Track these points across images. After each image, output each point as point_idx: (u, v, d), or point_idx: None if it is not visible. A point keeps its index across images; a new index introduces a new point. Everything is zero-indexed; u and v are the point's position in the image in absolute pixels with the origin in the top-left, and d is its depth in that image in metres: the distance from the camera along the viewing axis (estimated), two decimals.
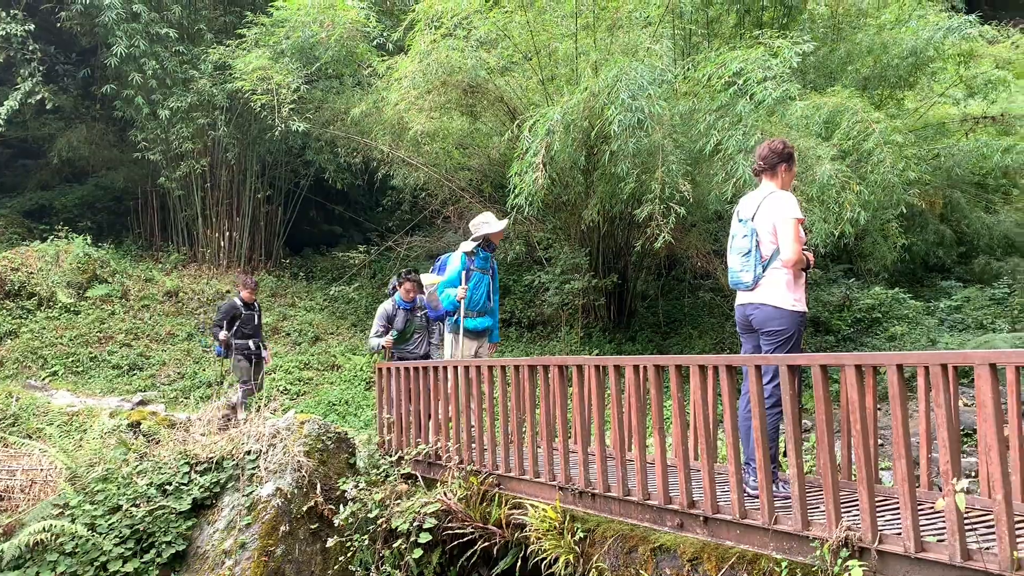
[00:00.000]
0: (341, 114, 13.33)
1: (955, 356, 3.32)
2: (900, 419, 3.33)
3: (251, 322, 9.82)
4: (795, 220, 4.52)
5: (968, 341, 10.90)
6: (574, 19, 10.60)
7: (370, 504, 6.35)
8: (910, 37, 11.17)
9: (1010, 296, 13.00)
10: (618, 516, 4.77)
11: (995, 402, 3.06)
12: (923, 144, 12.25)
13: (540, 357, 6.35)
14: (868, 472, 3.46)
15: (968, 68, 12.57)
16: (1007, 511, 2.99)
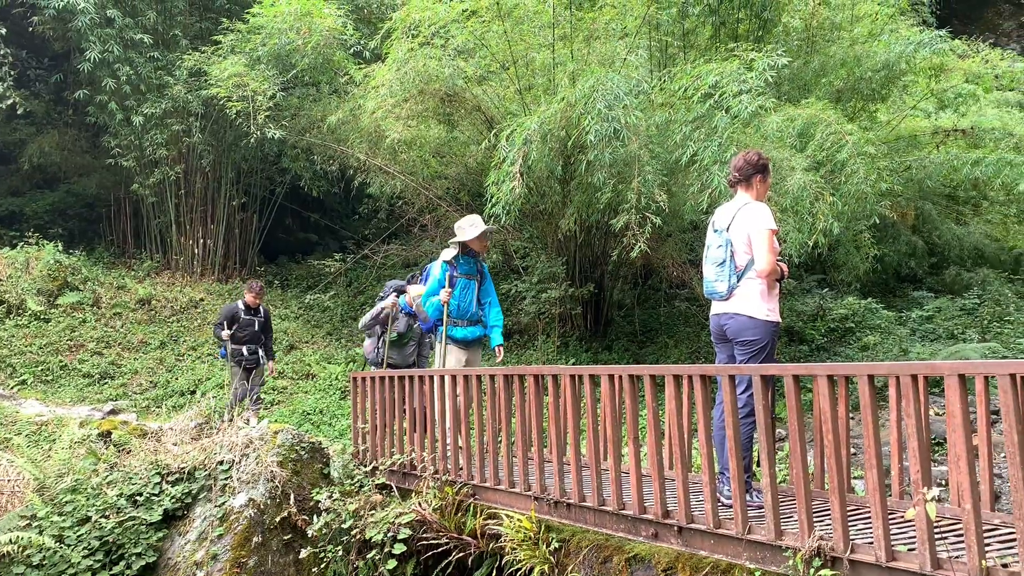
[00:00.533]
0: (318, 122, 13.28)
1: (925, 367, 3.35)
2: (871, 429, 3.36)
3: (249, 327, 9.66)
4: (769, 231, 4.55)
5: (939, 351, 11.04)
6: (551, 29, 10.64)
7: (344, 515, 6.30)
8: (883, 51, 11.32)
9: (980, 307, 13.19)
10: (593, 526, 4.77)
11: (964, 412, 3.09)
12: (895, 156, 12.41)
13: (516, 367, 6.33)
14: (840, 482, 3.48)
15: (939, 82, 12.76)
16: (976, 520, 3.02)
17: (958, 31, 19.64)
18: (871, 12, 12.57)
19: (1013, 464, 2.96)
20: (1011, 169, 11.64)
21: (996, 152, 12.43)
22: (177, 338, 13.64)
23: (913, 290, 14.51)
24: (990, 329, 12.31)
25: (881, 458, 3.42)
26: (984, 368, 3.17)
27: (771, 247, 4.54)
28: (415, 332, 7.91)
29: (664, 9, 10.22)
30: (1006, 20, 23.08)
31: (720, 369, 4.14)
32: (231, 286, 15.44)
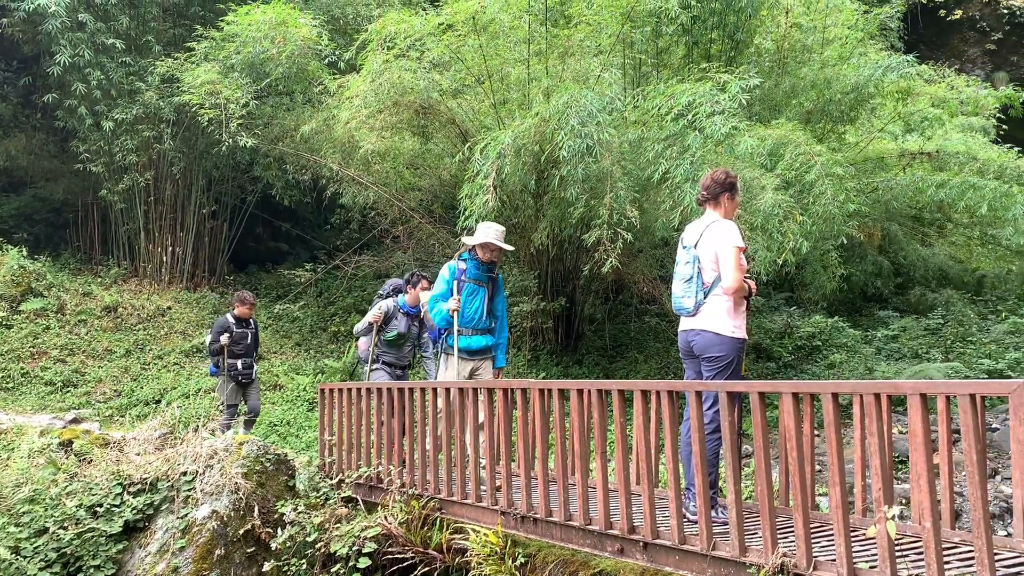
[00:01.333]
0: (291, 131, 13.21)
1: (888, 386, 3.40)
2: (835, 447, 3.40)
3: (243, 340, 9.50)
4: (736, 248, 4.62)
5: (904, 370, 11.19)
6: (527, 45, 10.70)
7: (309, 528, 6.24)
8: (852, 74, 11.50)
9: (944, 327, 13.40)
10: (559, 541, 4.76)
11: (925, 431, 3.14)
12: (863, 177, 12.59)
13: (485, 380, 6.32)
14: (804, 499, 3.51)
15: (906, 106, 12.99)
16: (935, 538, 3.06)
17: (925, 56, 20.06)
18: (841, 36, 12.79)
19: (972, 483, 3.01)
20: (974, 192, 11.86)
21: (960, 175, 12.66)
22: (143, 346, 13.46)
23: (879, 309, 14.72)
24: (953, 349, 12.51)
25: (844, 476, 3.45)
26: (945, 388, 3.22)
27: (737, 264, 4.61)
28: (412, 333, 7.77)
29: (638, 28, 10.32)
30: (971, 47, 23.58)
31: (687, 385, 4.17)
32: (199, 294, 15.28)
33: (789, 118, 10.72)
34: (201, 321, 14.33)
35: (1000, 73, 23.06)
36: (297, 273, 15.37)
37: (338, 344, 13.68)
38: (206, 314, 14.62)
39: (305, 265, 15.82)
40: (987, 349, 12.38)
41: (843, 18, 12.82)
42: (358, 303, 14.85)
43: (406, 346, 7.81)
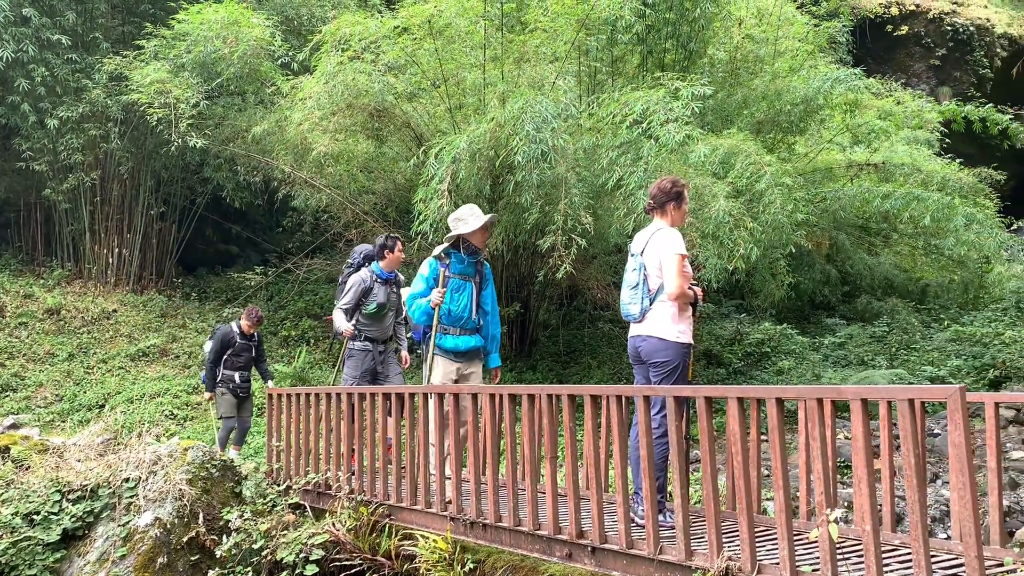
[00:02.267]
0: (242, 132, 13.02)
1: (831, 391, 3.45)
2: (779, 451, 3.44)
3: (244, 353, 9.21)
4: (679, 256, 4.73)
5: (850, 376, 11.41)
6: (482, 50, 10.70)
7: (255, 535, 6.13)
8: (802, 85, 11.74)
9: (889, 334, 13.71)
10: (508, 547, 4.75)
11: (866, 436, 3.19)
12: (811, 187, 12.84)
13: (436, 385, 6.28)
14: (748, 503, 3.54)
15: (854, 118, 13.28)
16: (875, 541, 3.11)
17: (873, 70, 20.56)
18: (792, 48, 13.05)
19: (910, 487, 3.07)
20: (918, 203, 12.17)
21: (905, 187, 12.99)
22: (87, 350, 13.12)
23: (826, 317, 15.00)
24: (898, 356, 12.81)
25: (788, 480, 3.50)
26: (886, 393, 3.28)
27: (680, 271, 4.70)
28: (393, 301, 7.17)
29: (593, 36, 10.39)
30: (917, 62, 24.23)
31: (636, 390, 4.19)
32: (146, 297, 14.96)
33: (741, 128, 10.88)
34: (148, 324, 14.02)
35: (944, 88, 23.73)
36: (247, 276, 15.13)
37: (288, 349, 13.50)
38: (153, 317, 14.32)
39: (256, 268, 15.59)
40: (930, 356, 12.69)
41: (794, 31, 13.09)
42: (309, 307, 14.68)
43: (388, 316, 7.21)
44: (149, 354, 13.13)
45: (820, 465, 3.29)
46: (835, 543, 3.31)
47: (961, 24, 23.66)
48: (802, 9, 14.17)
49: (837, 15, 15.20)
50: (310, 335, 13.85)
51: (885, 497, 4.46)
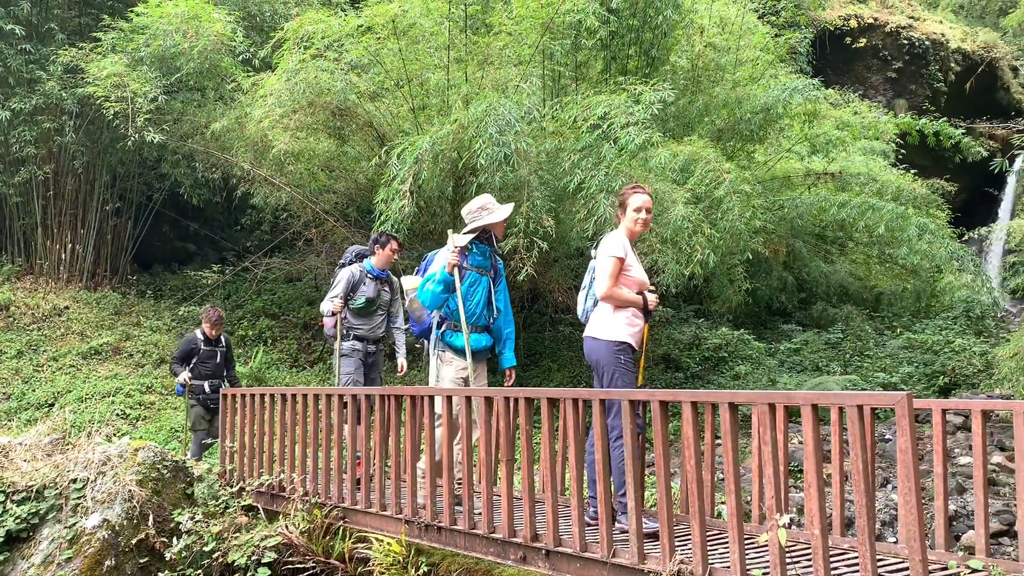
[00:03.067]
0: (201, 128, 12.82)
1: (782, 396, 3.49)
2: (731, 456, 3.47)
3: (210, 360, 8.69)
4: (612, 258, 4.84)
5: (804, 382, 11.59)
6: (447, 51, 10.67)
7: (206, 537, 6.04)
8: (762, 94, 11.90)
9: (843, 341, 13.96)
10: (463, 550, 4.73)
11: (816, 440, 3.24)
12: (769, 195, 13.03)
13: (394, 387, 6.24)
14: (700, 507, 3.57)
15: (812, 128, 13.50)
16: (823, 544, 3.15)
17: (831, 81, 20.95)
18: (753, 57, 13.23)
19: (858, 491, 3.12)
20: (873, 213, 12.42)
21: (861, 196, 13.24)
22: (37, 347, 12.82)
23: (783, 323, 15.22)
24: (851, 362, 13.04)
25: (740, 484, 3.53)
26: (836, 399, 3.32)
27: (613, 273, 4.83)
28: (383, 299, 7.04)
29: (558, 40, 10.42)
30: (874, 74, 24.75)
31: (593, 393, 4.20)
32: (100, 294, 14.66)
33: (701, 135, 11.00)
34: (101, 322, 13.74)
35: (900, 100, 24.27)
36: (204, 275, 14.91)
37: (245, 348, 13.32)
38: (106, 315, 14.04)
39: (213, 267, 15.37)
40: (883, 363, 12.94)
41: (755, 40, 13.28)
42: (267, 307, 14.51)
43: (377, 314, 7.06)
44: (101, 352, 12.87)
45: (771, 470, 3.33)
46: (785, 547, 3.34)
47: (917, 38, 24.21)
48: (763, 19, 14.37)
49: (797, 26, 15.45)
50: (268, 335, 13.69)
51: (835, 501, 4.53)
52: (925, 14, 26.00)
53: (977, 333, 14.47)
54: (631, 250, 4.99)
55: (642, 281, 4.95)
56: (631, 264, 4.93)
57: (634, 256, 5.02)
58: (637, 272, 4.96)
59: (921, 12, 26.02)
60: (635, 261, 5.01)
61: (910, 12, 25.53)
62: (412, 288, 5.95)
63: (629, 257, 4.93)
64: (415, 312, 6.04)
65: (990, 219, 20.19)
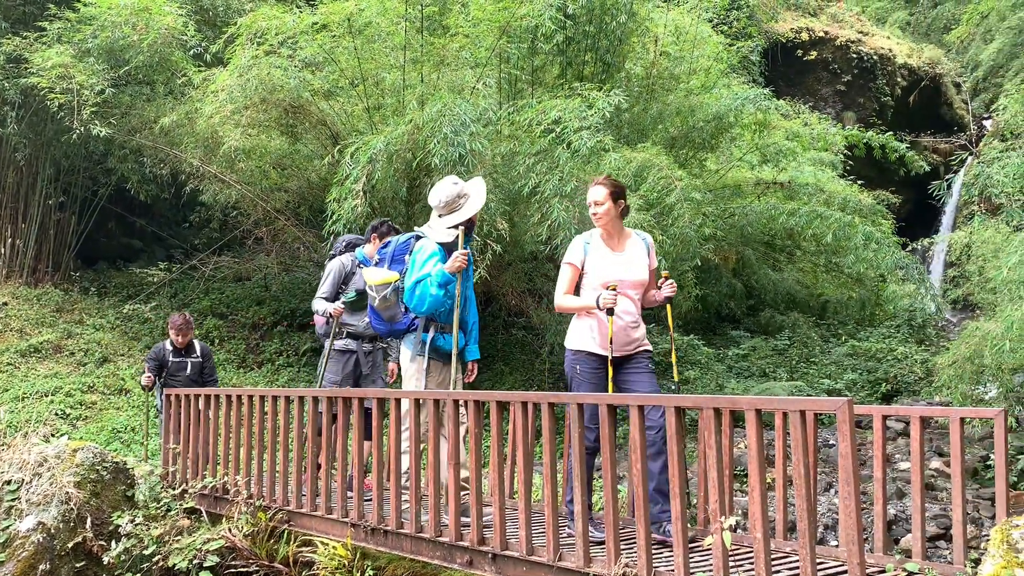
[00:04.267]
0: (150, 122, 12.55)
1: (727, 401, 3.53)
2: (676, 460, 3.49)
3: (180, 372, 7.96)
4: (564, 265, 4.83)
5: (752, 387, 11.76)
6: (403, 51, 10.62)
7: (147, 540, 5.92)
8: (714, 103, 12.07)
9: (790, 347, 14.20)
10: (410, 553, 4.69)
11: (759, 445, 3.28)
12: (720, 203, 13.20)
13: (341, 389, 6.18)
14: (645, 511, 3.59)
15: (763, 138, 13.71)
16: (764, 548, 3.19)
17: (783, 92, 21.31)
18: (706, 67, 13.41)
19: (800, 495, 3.16)
20: (821, 222, 12.66)
21: (809, 205, 13.48)
22: None
23: (732, 329, 15.42)
24: (798, 369, 13.27)
25: (685, 488, 3.56)
26: (779, 404, 3.37)
27: (560, 280, 4.81)
28: None
29: (514, 44, 10.44)
30: (824, 86, 25.26)
31: (541, 396, 4.19)
32: (41, 291, 14.24)
33: (655, 142, 11.10)
34: (41, 319, 13.35)
35: (848, 112, 24.83)
36: (150, 272, 14.60)
37: None
38: (47, 312, 13.65)
39: (160, 264, 15.05)
40: (828, 370, 13.20)
41: (708, 50, 13.45)
42: (215, 306, 14.25)
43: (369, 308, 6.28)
44: (41, 350, 12.51)
45: (716, 473, 3.36)
46: (728, 550, 3.38)
47: (866, 53, 24.79)
48: (717, 29, 14.57)
49: (750, 37, 15.71)
50: (215, 335, 13.44)
51: (778, 505, 4.60)
52: (874, 29, 26.64)
53: (919, 342, 14.84)
54: (601, 249, 4.76)
55: (604, 285, 4.62)
56: (590, 269, 4.73)
57: (607, 254, 4.75)
58: (598, 276, 4.69)
59: (870, 27, 26.66)
60: (603, 260, 4.73)
61: (859, 27, 26.13)
62: (380, 282, 5.28)
63: (589, 260, 4.72)
64: (386, 311, 5.31)
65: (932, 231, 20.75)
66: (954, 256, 15.34)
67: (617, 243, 4.81)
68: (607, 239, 4.81)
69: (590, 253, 4.76)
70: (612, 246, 4.80)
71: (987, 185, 9.32)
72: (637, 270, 4.78)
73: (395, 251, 5.34)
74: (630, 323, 4.74)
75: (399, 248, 5.33)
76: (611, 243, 4.80)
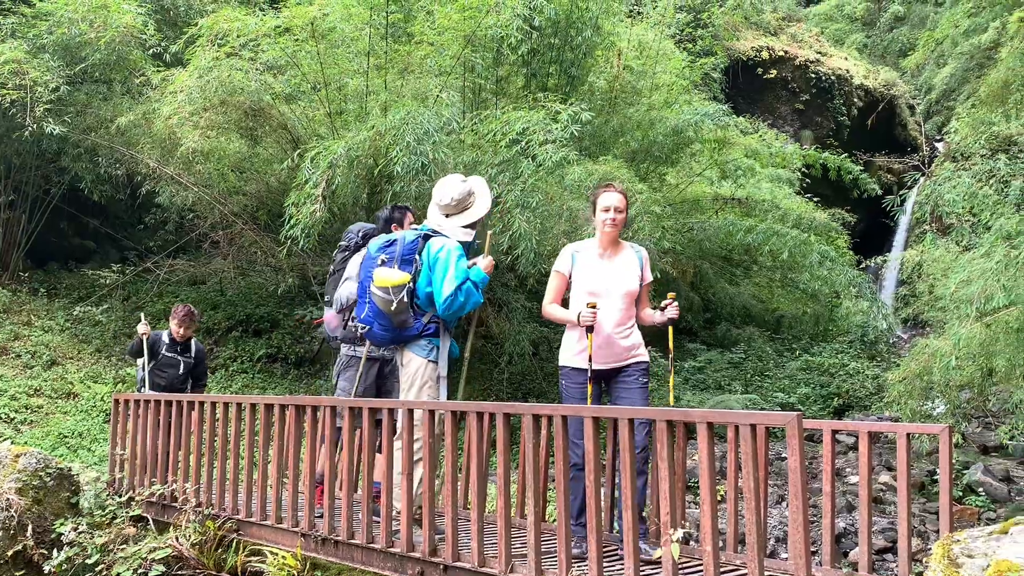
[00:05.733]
0: (106, 121, 12.30)
1: (679, 413, 3.56)
2: (629, 472, 3.51)
3: (170, 368, 7.32)
4: (553, 272, 4.85)
5: (707, 400, 11.87)
6: (367, 57, 10.58)
7: (90, 549, 5.77)
8: (673, 117, 12.22)
9: (745, 361, 14.37)
10: (360, 564, 4.64)
11: (710, 458, 3.30)
12: (679, 217, 13.35)
13: (292, 396, 6.11)
14: (597, 523, 3.59)
15: (722, 154, 13.92)
16: (714, 561, 3.22)
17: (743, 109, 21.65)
18: (669, 82, 13.58)
19: (749, 508, 3.19)
20: (778, 238, 12.87)
21: (766, 222, 13.70)
22: None
23: (688, 342, 15.57)
24: (753, 382, 13.44)
25: (636, 501, 3.57)
26: (731, 418, 3.40)
27: (548, 290, 4.84)
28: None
29: (479, 53, 10.46)
30: (783, 105, 25.73)
31: (496, 407, 4.18)
32: None
33: (616, 155, 11.21)
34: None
35: (806, 131, 25.30)
36: (102, 274, 14.28)
37: None
38: None
39: (113, 266, 14.73)
40: (782, 384, 13.39)
41: (671, 66, 13.62)
42: (168, 310, 13.96)
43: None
44: None
45: (667, 486, 3.38)
46: (679, 563, 3.40)
47: (824, 73, 25.30)
48: (680, 45, 14.77)
49: (712, 54, 15.93)
50: None
51: (729, 518, 4.63)
52: (832, 50, 27.21)
53: (871, 357, 15.13)
54: (591, 259, 4.76)
55: (590, 292, 4.65)
56: (578, 277, 4.73)
57: (596, 263, 4.74)
58: (584, 284, 4.70)
59: (828, 48, 27.22)
60: (590, 270, 4.72)
61: (818, 47, 26.67)
62: (393, 283, 4.71)
63: (577, 270, 4.74)
64: (398, 316, 4.74)
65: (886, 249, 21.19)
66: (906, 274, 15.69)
67: (611, 253, 4.80)
68: (602, 248, 4.78)
69: (578, 262, 4.77)
70: (604, 255, 4.79)
71: (938, 205, 9.55)
72: (626, 280, 4.75)
73: (403, 251, 4.84)
74: (616, 333, 4.70)
75: (407, 248, 4.85)
76: (605, 253, 4.79)
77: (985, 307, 7.02)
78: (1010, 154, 13.31)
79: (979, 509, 8.49)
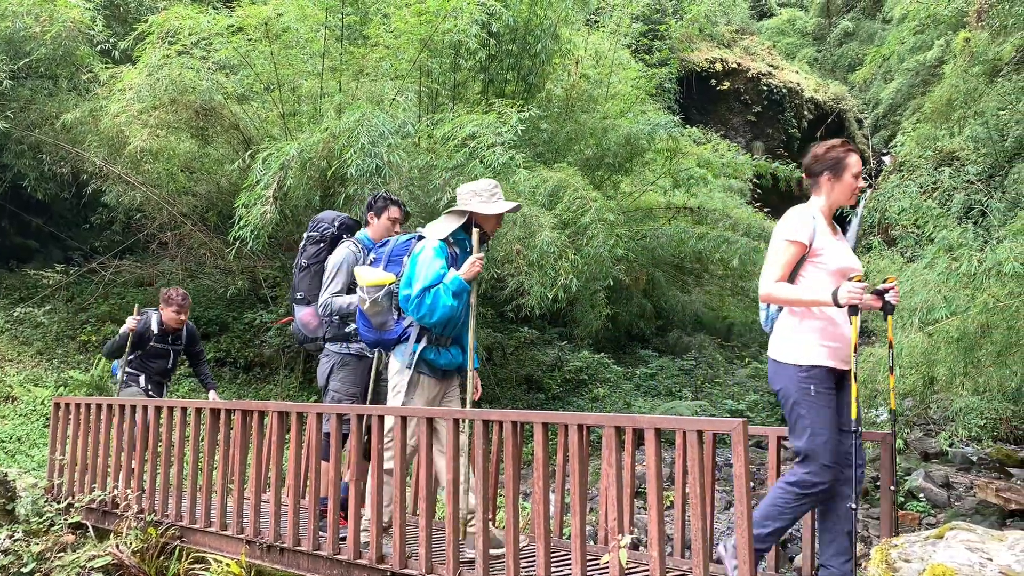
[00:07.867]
0: (51, 118, 11.99)
1: (627, 419, 3.58)
2: (578, 477, 3.52)
3: (159, 359, 6.87)
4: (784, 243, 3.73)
5: (658, 406, 11.98)
6: (321, 59, 10.49)
7: (26, 557, 5.60)
8: (627, 126, 12.34)
9: (695, 368, 14.55)
10: (307, 571, 4.58)
11: (658, 463, 3.33)
12: (633, 225, 13.49)
13: (241, 401, 6.01)
14: (545, 527, 3.60)
15: (674, 163, 14.09)
16: (660, 566, 3.24)
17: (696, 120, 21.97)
18: (624, 91, 13.71)
19: (695, 514, 3.22)
20: (728, 246, 13.07)
21: (717, 230, 13.89)
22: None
23: (640, 348, 15.71)
24: (703, 389, 13.60)
25: (586, 505, 3.58)
26: (678, 424, 3.43)
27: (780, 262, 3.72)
28: None
29: (436, 58, 10.44)
30: (735, 116, 26.15)
31: (447, 412, 4.16)
32: None
33: (571, 163, 11.26)
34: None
35: (757, 143, 25.74)
36: (45, 274, 13.90)
37: (87, 355, 12.49)
38: None
39: (56, 266, 14.34)
40: (731, 391, 13.57)
41: (626, 75, 13.75)
42: (114, 311, 13.66)
43: None
44: None
45: (615, 491, 3.39)
46: (626, 568, 3.41)
47: (775, 85, 25.78)
48: (636, 55, 14.91)
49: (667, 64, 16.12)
50: None
51: (676, 523, 4.67)
52: (784, 63, 27.76)
53: None
54: (827, 229, 3.73)
55: (844, 269, 3.64)
56: (822, 248, 3.65)
57: (832, 237, 3.73)
58: (833, 259, 3.65)
59: (780, 61, 27.76)
60: (833, 243, 3.71)
61: (770, 60, 27.17)
62: (372, 283, 4.57)
63: (820, 239, 3.66)
64: (376, 317, 4.61)
65: None
66: None
67: (833, 227, 3.82)
68: (828, 218, 3.80)
69: (819, 231, 3.70)
70: (832, 229, 3.81)
71: (884, 216, 9.79)
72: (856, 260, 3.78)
73: (393, 251, 4.71)
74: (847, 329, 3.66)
75: (398, 248, 4.70)
76: (831, 225, 3.81)
77: (927, 317, 7.19)
78: (953, 167, 13.71)
79: (919, 514, 8.69)
